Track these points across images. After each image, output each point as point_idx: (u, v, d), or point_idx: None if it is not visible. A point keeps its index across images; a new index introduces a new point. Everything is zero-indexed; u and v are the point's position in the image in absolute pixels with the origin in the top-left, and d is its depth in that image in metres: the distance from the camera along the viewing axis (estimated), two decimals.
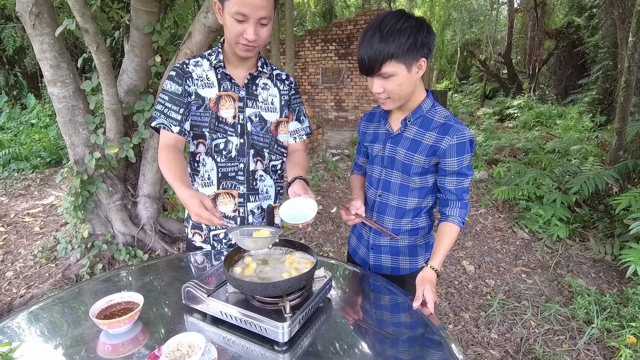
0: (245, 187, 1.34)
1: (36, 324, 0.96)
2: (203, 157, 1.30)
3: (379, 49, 1.04)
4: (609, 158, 4.51)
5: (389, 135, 1.25)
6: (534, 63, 12.11)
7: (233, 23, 1.11)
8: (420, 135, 1.19)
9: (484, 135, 7.74)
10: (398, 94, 1.12)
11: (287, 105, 1.37)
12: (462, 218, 1.20)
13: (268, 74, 1.33)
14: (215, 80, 1.26)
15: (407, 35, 1.03)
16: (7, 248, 3.36)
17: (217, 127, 1.27)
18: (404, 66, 1.06)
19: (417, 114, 1.19)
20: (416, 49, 1.05)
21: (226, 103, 1.27)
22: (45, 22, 2.41)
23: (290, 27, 5.22)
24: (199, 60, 1.28)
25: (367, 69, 1.09)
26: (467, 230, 3.81)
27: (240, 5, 1.07)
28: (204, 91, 1.25)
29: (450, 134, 1.14)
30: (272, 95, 1.34)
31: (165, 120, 1.22)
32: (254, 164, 1.34)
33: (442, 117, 1.18)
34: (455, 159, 1.15)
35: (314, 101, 10.68)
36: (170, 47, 2.77)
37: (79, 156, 2.77)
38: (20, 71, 8.76)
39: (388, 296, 1.14)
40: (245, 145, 1.30)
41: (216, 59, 1.26)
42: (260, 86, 1.32)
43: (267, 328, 0.85)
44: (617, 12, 6.11)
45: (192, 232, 1.42)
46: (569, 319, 2.41)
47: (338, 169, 5.97)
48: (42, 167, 5.87)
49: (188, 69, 1.25)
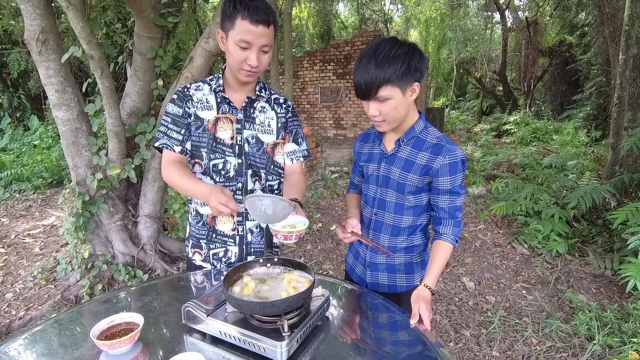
0: (243, 207, 1.37)
1: (35, 347, 0.97)
2: (200, 176, 1.35)
3: (375, 74, 1.08)
4: (605, 173, 4.55)
5: (384, 155, 1.29)
6: (528, 80, 12.32)
7: (237, 50, 1.18)
8: (413, 156, 1.23)
9: (482, 151, 7.81)
10: (393, 117, 1.16)
11: (283, 127, 1.42)
12: (455, 236, 1.22)
13: (266, 98, 1.39)
14: (215, 103, 1.32)
15: (401, 61, 1.08)
16: (7, 269, 3.36)
17: (215, 148, 1.32)
18: (399, 90, 1.11)
19: (410, 135, 1.24)
20: (410, 73, 1.10)
21: (224, 125, 1.32)
22: (52, 48, 2.49)
23: (289, 48, 5.35)
24: (200, 84, 1.34)
25: (363, 93, 1.13)
26: (467, 246, 3.82)
27: (243, 34, 1.15)
28: (203, 113, 1.31)
29: (443, 154, 1.18)
30: (268, 118, 1.39)
31: (168, 140, 1.29)
32: (252, 183, 1.38)
33: (434, 138, 1.22)
34: (447, 178, 1.19)
35: (312, 119, 10.82)
36: (172, 70, 2.86)
37: (81, 177, 2.81)
38: (24, 93, 8.93)
39: (386, 314, 1.15)
40: (243, 165, 1.35)
41: (216, 84, 1.33)
42: (258, 109, 1.37)
43: (266, 347, 0.86)
44: (607, 31, 6.27)
45: (193, 252, 1.45)
46: (571, 335, 2.39)
47: (337, 187, 6.01)
48: (43, 187, 5.91)
49: (189, 93, 1.32)
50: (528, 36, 11.72)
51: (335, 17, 16.56)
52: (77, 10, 2.16)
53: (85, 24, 2.22)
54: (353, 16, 18.42)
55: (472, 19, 17.43)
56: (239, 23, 1.14)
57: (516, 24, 13.50)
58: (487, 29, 16.27)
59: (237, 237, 1.40)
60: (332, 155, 8.62)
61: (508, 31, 12.85)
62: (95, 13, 2.98)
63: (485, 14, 15.63)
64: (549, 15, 13.02)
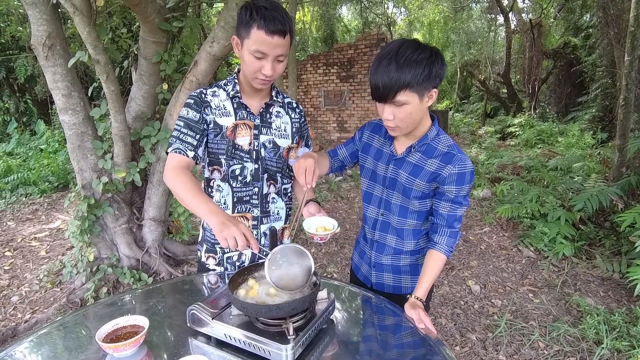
0: (259, 210, 1.38)
1: (41, 350, 0.97)
2: (218, 182, 1.34)
3: (395, 78, 1.04)
4: (611, 175, 4.50)
5: (393, 157, 1.27)
6: (533, 82, 12.26)
7: (252, 60, 1.16)
8: (422, 162, 1.21)
9: (486, 154, 7.77)
10: (407, 123, 1.13)
11: (298, 132, 1.43)
12: (449, 247, 1.21)
13: (280, 103, 1.40)
14: (232, 109, 1.31)
15: (423, 67, 1.04)
16: (13, 272, 3.38)
17: (234, 154, 1.31)
18: (417, 95, 1.07)
19: (422, 142, 1.21)
20: (430, 80, 1.06)
21: (242, 131, 1.31)
22: (58, 53, 2.52)
23: (292, 52, 5.39)
24: (216, 90, 1.32)
25: (380, 96, 1.09)
26: (472, 249, 3.79)
27: (259, 44, 1.13)
28: (221, 120, 1.29)
29: (453, 164, 1.16)
30: (284, 123, 1.39)
31: (181, 145, 1.24)
32: (267, 187, 1.38)
33: (445, 146, 1.20)
34: (454, 187, 1.17)
35: (316, 123, 10.83)
36: (176, 75, 2.88)
37: (86, 181, 2.83)
38: (30, 98, 9.02)
39: (391, 317, 1.15)
40: (259, 170, 1.35)
41: (233, 90, 1.31)
42: (274, 114, 1.37)
43: (271, 350, 0.86)
44: (612, 32, 6.23)
45: (206, 256, 1.43)
46: (579, 339, 2.36)
47: (341, 189, 6.00)
48: (50, 191, 5.95)
49: (206, 99, 1.29)
50: (532, 38, 11.68)
51: (338, 21, 16.61)
52: (83, 16, 2.19)
53: (91, 29, 2.25)
54: (356, 20, 18.48)
55: (476, 21, 17.41)
56: (254, 32, 1.12)
57: (520, 26, 13.45)
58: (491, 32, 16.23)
59: None
60: None
61: (512, 33, 12.82)
62: (101, 18, 3.02)
63: (488, 16, 15.59)
64: (553, 17, 12.98)
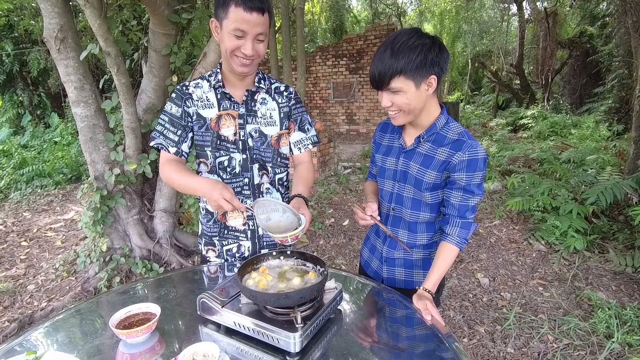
0: (252, 201, 1.36)
1: (57, 335, 1.00)
2: (206, 175, 1.34)
3: (389, 64, 1.05)
4: (627, 167, 4.40)
5: (402, 150, 1.25)
6: (546, 73, 11.99)
7: (231, 39, 1.15)
8: (432, 151, 1.18)
9: (497, 146, 7.66)
10: (407, 109, 1.12)
11: (287, 117, 1.38)
12: (461, 238, 1.17)
13: (266, 89, 1.35)
14: (215, 100, 1.29)
15: (417, 53, 1.03)
16: (30, 262, 3.47)
17: (220, 146, 1.31)
18: (412, 82, 1.07)
19: (430, 132, 1.19)
20: (426, 66, 1.05)
21: (227, 122, 1.29)
22: (70, 46, 2.55)
23: (301, 44, 5.34)
24: (199, 82, 1.31)
25: (376, 83, 1.11)
26: (482, 242, 3.76)
27: (238, 23, 1.11)
28: (204, 111, 1.28)
29: (463, 150, 1.12)
30: (270, 109, 1.35)
31: (164, 140, 1.27)
32: (259, 177, 1.36)
33: (455, 134, 1.17)
34: (464, 174, 1.14)
35: (325, 115, 10.80)
36: (186, 67, 2.89)
37: (99, 172, 2.87)
38: (44, 91, 9.16)
39: (400, 309, 1.14)
40: (248, 160, 1.33)
41: (215, 80, 1.29)
42: (259, 101, 1.34)
43: (279, 338, 0.87)
44: (630, 21, 6.03)
45: (206, 249, 1.45)
46: (589, 333, 2.34)
47: (350, 182, 5.99)
48: (64, 183, 6.07)
49: (188, 91, 1.29)
50: (547, 27, 11.39)
51: (347, 12, 16.43)
52: (94, 9, 2.21)
53: (102, 22, 2.27)
54: (366, 10, 18.25)
55: (488, 11, 17.05)
56: (232, 11, 1.10)
57: (534, 15, 13.13)
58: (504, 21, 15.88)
59: (249, 232, 1.41)
60: (344, 151, 8.60)
61: (525, 23, 12.53)
62: (111, 11, 3.04)
63: (501, 5, 15.25)
64: (569, 6, 12.64)
